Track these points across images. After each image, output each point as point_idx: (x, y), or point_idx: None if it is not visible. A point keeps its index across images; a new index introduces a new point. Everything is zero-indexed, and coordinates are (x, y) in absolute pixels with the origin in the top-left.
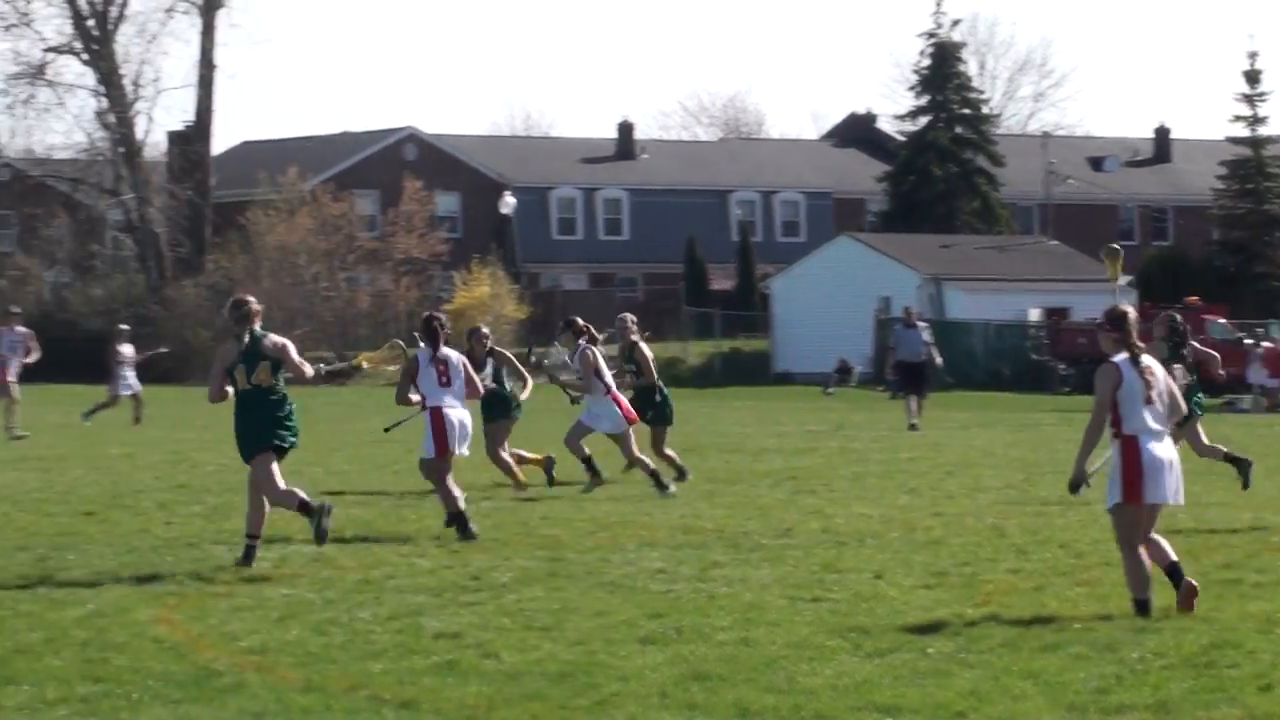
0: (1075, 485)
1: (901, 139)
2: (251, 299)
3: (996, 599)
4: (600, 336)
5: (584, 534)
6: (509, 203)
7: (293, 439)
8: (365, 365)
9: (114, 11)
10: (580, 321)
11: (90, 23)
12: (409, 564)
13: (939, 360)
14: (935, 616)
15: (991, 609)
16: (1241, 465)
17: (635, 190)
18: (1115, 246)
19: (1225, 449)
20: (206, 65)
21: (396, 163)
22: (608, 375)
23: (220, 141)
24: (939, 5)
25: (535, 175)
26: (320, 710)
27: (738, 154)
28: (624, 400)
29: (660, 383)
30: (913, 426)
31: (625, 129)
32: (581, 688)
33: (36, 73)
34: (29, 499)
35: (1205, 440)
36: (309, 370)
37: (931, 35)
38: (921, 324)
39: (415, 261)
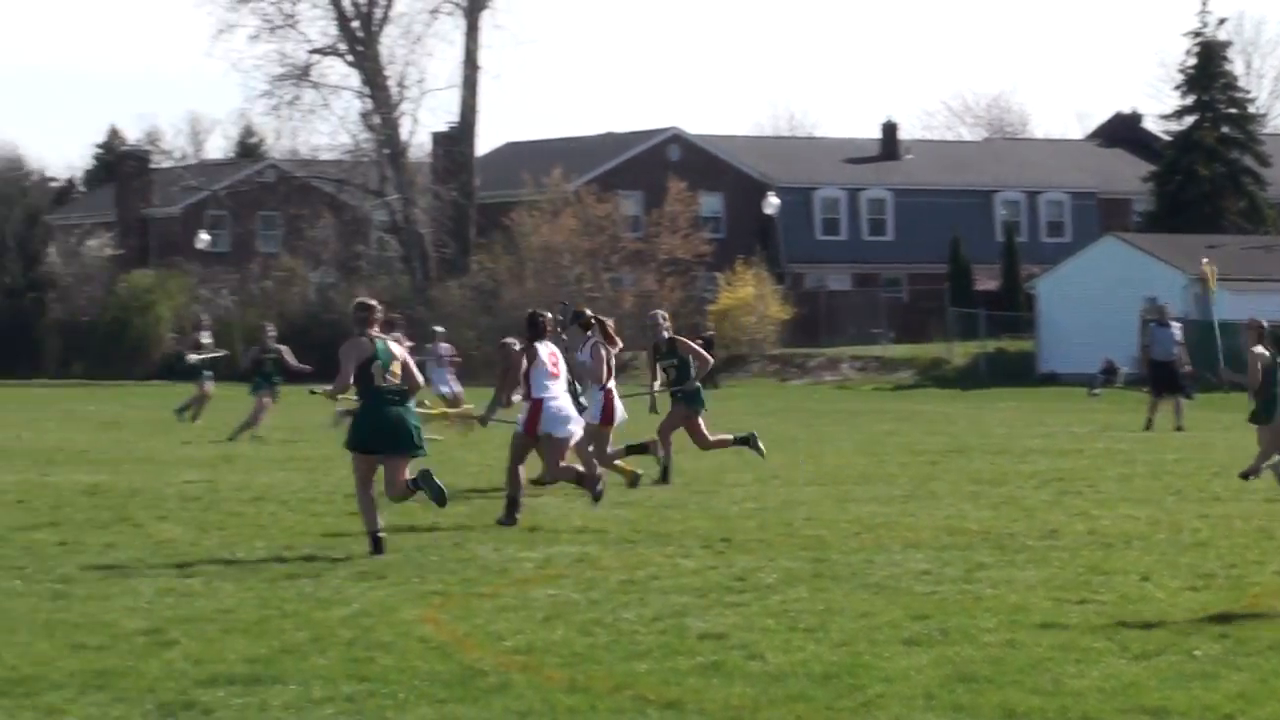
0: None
1: (1167, 139)
2: (377, 304)
3: (1264, 601)
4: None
5: (848, 535)
6: (773, 203)
7: (407, 447)
8: (448, 417)
9: (378, 13)
10: (589, 313)
11: (355, 24)
12: (673, 564)
13: (1188, 364)
14: (1202, 618)
15: (1259, 611)
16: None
17: (899, 190)
18: (1206, 260)
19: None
20: (471, 66)
21: (660, 163)
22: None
23: (485, 142)
24: (1205, 4)
25: (799, 175)
26: (585, 710)
27: (1002, 154)
28: (615, 399)
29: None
30: (1150, 424)
31: (889, 129)
32: (846, 689)
33: (301, 74)
34: (296, 499)
35: None
36: (420, 379)
37: (1197, 34)
38: (1175, 324)
39: (679, 262)
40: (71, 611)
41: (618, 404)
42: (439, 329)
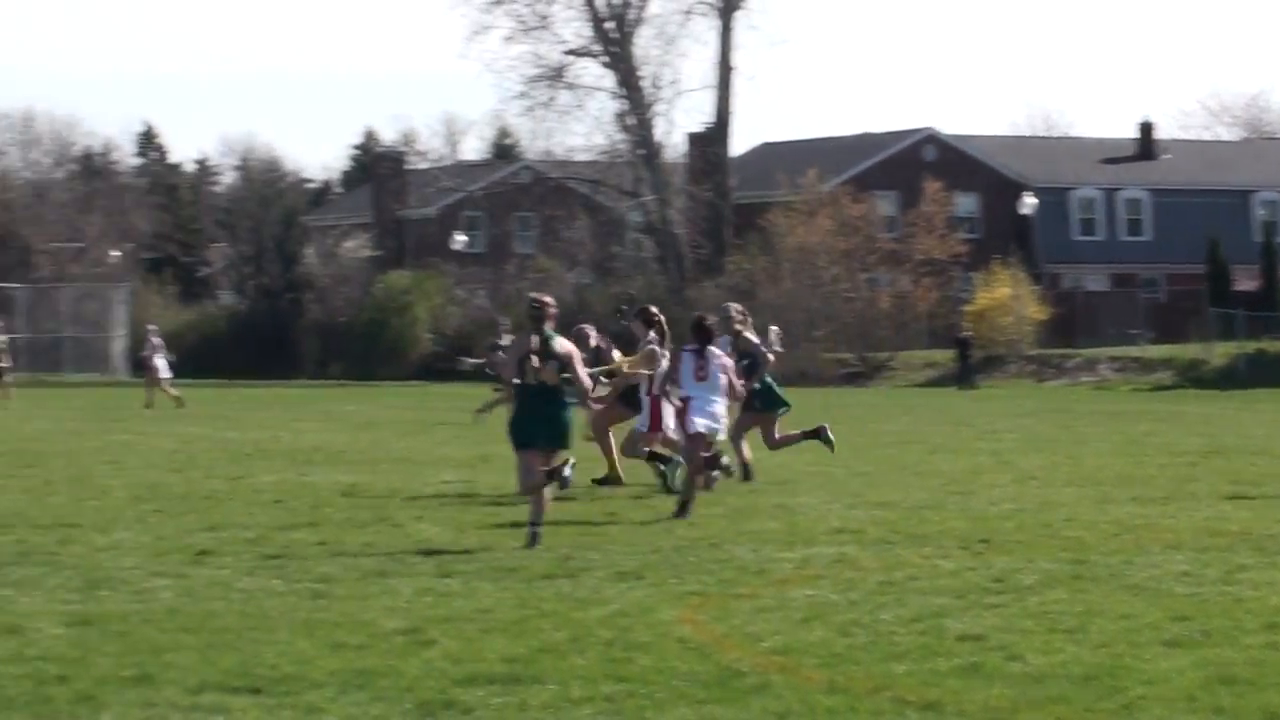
0: None
1: None
2: (550, 301)
3: None
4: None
5: (1108, 536)
6: (1029, 203)
7: (558, 440)
8: (625, 368)
9: (632, 14)
10: (654, 311)
11: (609, 25)
12: (931, 565)
13: None
14: None
15: None
16: None
17: (1157, 190)
18: None
19: None
20: (724, 67)
21: (915, 164)
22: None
23: (740, 143)
24: None
25: (1055, 176)
26: (844, 711)
27: (1261, 154)
28: (663, 407)
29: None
30: None
31: (1146, 129)
32: (1106, 691)
33: (556, 75)
34: (555, 499)
35: None
36: (587, 384)
37: None
38: None
39: (935, 263)
40: (331, 611)
41: (665, 411)
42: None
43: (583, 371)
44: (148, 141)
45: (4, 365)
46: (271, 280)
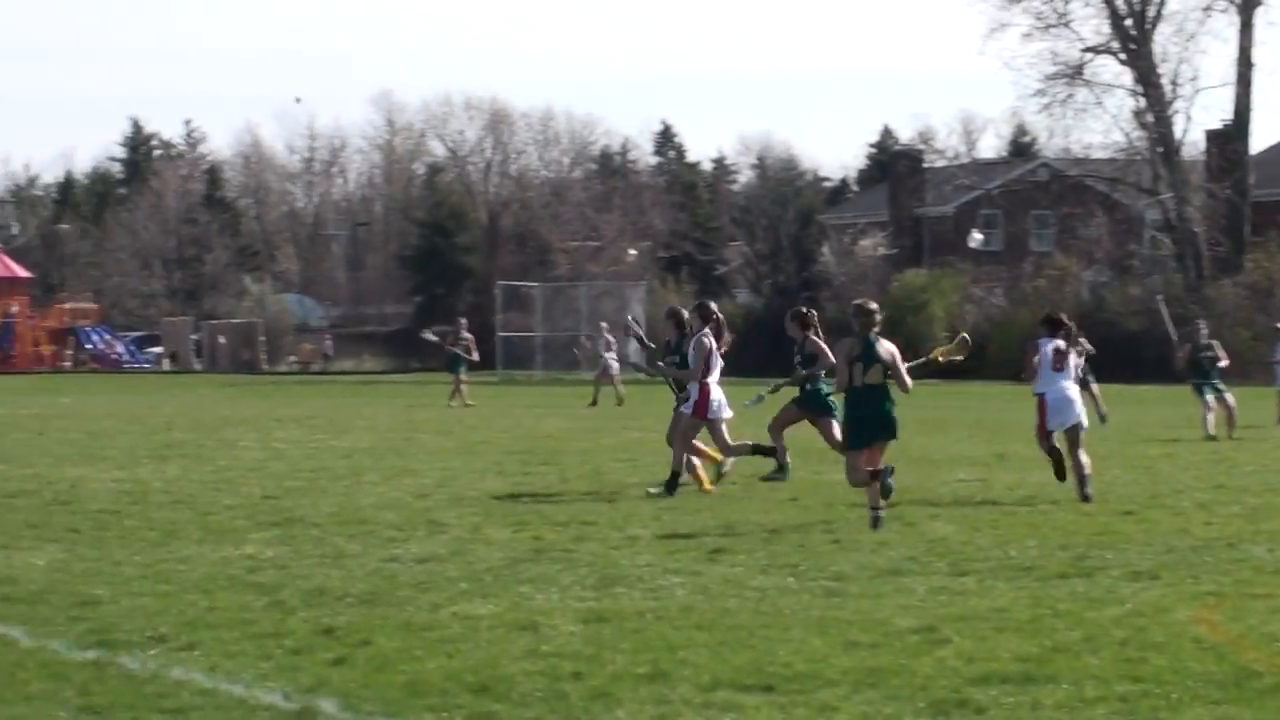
0: None
1: None
2: (875, 306)
3: None
4: (726, 336)
5: None
6: None
7: (888, 435)
8: (940, 359)
9: (1151, 11)
10: (712, 306)
11: (1128, 22)
12: None
13: None
14: None
15: None
16: None
17: None
18: None
19: None
20: (1244, 63)
21: None
22: (714, 369)
23: (1259, 140)
24: None
25: None
26: None
27: None
28: (710, 393)
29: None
30: None
31: None
32: None
33: (1074, 73)
34: (1067, 498)
35: None
36: (909, 382)
37: None
38: None
39: None
40: (845, 609)
41: (715, 400)
42: None
43: (904, 369)
44: (665, 140)
45: (474, 357)
46: (788, 278)
